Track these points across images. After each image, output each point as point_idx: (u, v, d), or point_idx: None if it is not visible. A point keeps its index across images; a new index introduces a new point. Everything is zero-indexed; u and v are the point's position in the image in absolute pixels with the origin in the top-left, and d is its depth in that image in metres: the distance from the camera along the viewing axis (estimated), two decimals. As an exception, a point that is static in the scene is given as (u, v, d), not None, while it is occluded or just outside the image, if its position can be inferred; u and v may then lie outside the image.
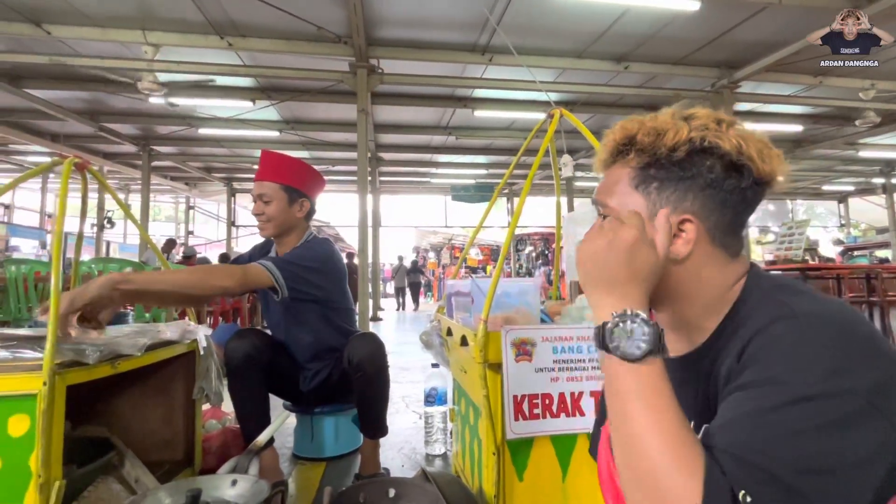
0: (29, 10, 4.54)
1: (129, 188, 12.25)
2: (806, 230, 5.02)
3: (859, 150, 9.72)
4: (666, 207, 0.56)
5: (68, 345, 1.06)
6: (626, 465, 0.46)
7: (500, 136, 8.43)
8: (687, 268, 0.56)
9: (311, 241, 1.68)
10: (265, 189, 1.61)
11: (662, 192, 0.56)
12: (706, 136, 0.55)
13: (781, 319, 0.48)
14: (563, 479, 1.23)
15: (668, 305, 0.60)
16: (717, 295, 0.56)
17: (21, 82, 5.91)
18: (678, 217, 0.56)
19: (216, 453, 1.67)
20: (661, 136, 0.56)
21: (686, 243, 0.56)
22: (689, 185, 0.56)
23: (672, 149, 0.55)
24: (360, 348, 1.59)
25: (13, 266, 3.52)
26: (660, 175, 0.57)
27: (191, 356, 1.55)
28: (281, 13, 4.51)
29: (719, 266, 0.57)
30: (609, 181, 0.62)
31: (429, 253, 17.03)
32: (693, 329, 0.59)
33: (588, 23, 4.94)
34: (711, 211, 0.56)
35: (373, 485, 1.17)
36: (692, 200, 0.56)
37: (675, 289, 0.57)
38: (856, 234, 13.56)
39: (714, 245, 0.56)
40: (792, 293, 0.52)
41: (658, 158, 0.57)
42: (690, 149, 0.55)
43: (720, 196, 0.55)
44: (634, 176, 0.58)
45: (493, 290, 1.21)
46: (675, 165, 0.56)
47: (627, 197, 0.59)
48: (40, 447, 0.96)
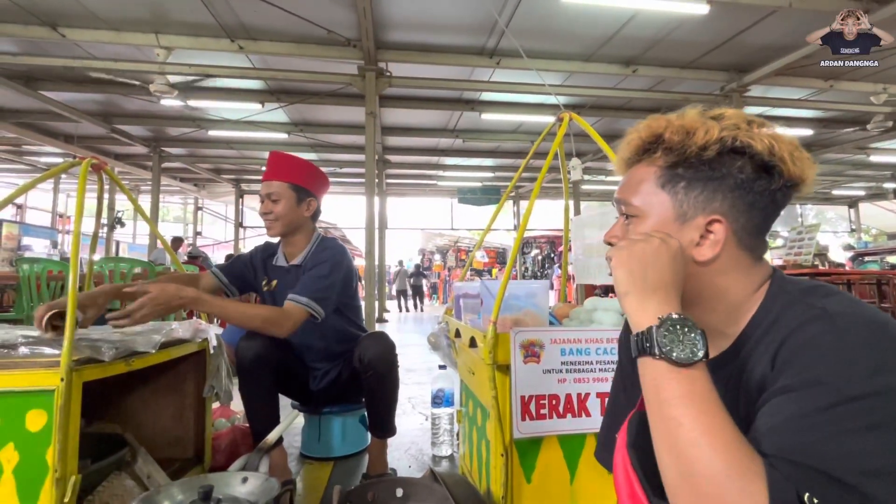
0: (45, 13, 4.62)
1: (139, 189, 12.38)
2: (816, 235, 4.97)
3: (870, 155, 9.61)
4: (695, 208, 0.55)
5: (85, 342, 1.08)
6: (681, 473, 0.44)
7: (506, 139, 8.44)
8: (712, 271, 0.55)
9: (323, 244, 1.68)
10: (274, 188, 1.62)
11: (690, 192, 0.55)
12: (738, 135, 0.53)
13: (815, 321, 0.47)
14: (571, 482, 1.23)
15: (689, 310, 0.57)
16: (740, 300, 0.55)
17: (36, 84, 6.02)
18: (706, 217, 0.54)
19: (225, 451, 1.69)
20: (691, 134, 0.55)
21: (714, 245, 0.54)
22: (718, 186, 0.54)
23: (702, 147, 0.54)
24: (371, 347, 1.60)
25: (26, 265, 3.57)
26: (688, 174, 0.55)
27: (201, 355, 1.57)
28: (291, 17, 4.56)
29: (744, 270, 0.55)
30: (633, 180, 0.60)
31: (435, 255, 17.04)
32: (717, 334, 0.57)
33: (597, 26, 4.94)
34: (741, 212, 0.54)
35: (381, 484, 1.18)
36: (721, 201, 0.54)
37: (700, 293, 0.56)
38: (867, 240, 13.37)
39: (740, 248, 0.55)
40: (822, 295, 0.50)
41: (687, 157, 0.55)
42: (721, 148, 0.54)
43: (750, 198, 0.54)
44: (661, 175, 0.57)
45: (502, 292, 1.21)
46: (705, 165, 0.55)
47: (653, 196, 0.57)
48: (57, 442, 0.98)
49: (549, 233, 14.06)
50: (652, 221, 0.57)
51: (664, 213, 0.57)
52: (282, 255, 1.71)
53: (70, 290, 1.09)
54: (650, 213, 0.58)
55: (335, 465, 1.79)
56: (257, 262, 1.75)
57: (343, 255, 1.64)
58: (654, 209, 0.57)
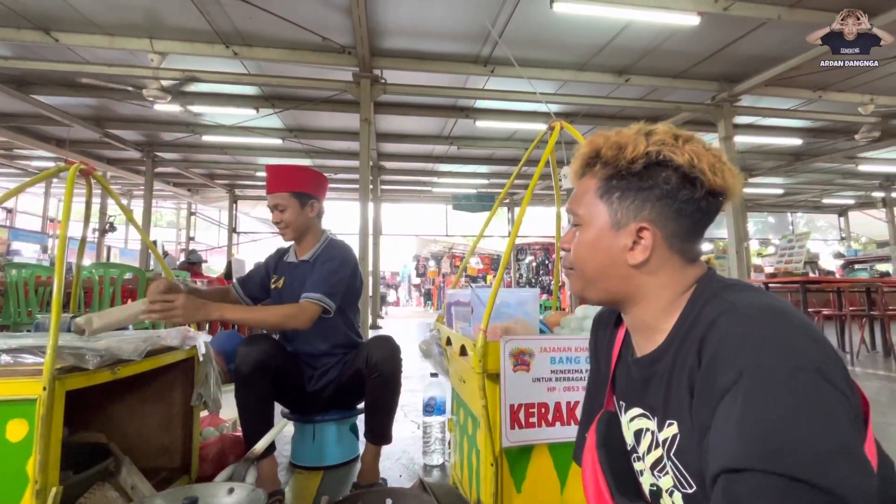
0: (38, 17, 4.60)
1: (132, 194, 12.30)
2: (807, 243, 5.03)
3: (859, 164, 9.75)
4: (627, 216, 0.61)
5: (69, 349, 1.07)
6: None
7: (501, 146, 8.48)
8: (644, 273, 0.61)
9: (331, 243, 1.80)
10: (279, 199, 1.71)
11: (623, 202, 0.61)
12: (662, 150, 0.59)
13: (724, 314, 0.51)
14: (561, 492, 1.22)
15: (630, 307, 0.64)
16: (671, 297, 0.60)
17: (28, 88, 5.98)
18: (637, 224, 0.60)
19: (213, 461, 1.66)
20: (623, 149, 0.60)
21: (644, 250, 0.60)
22: (647, 196, 0.60)
23: (631, 161, 0.60)
24: (379, 349, 1.62)
25: (14, 270, 3.52)
26: (621, 185, 0.61)
27: (189, 363, 1.55)
28: (286, 23, 4.57)
29: (675, 271, 0.61)
30: (579, 191, 0.66)
31: (429, 261, 17.03)
32: (653, 330, 0.62)
33: (589, 36, 5.00)
34: (669, 219, 0.59)
35: (370, 494, 1.17)
36: (650, 210, 0.60)
37: (635, 292, 0.62)
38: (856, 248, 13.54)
39: (671, 252, 0.60)
40: (737, 290, 0.55)
41: (619, 170, 0.61)
42: (647, 161, 0.59)
43: (676, 206, 0.59)
44: (600, 187, 0.63)
45: (492, 301, 1.21)
46: (634, 177, 0.60)
47: (593, 206, 0.63)
48: (38, 452, 0.96)
49: (543, 239, 14.10)
50: (593, 229, 0.63)
51: (602, 222, 0.63)
52: (293, 252, 1.83)
53: (55, 296, 1.08)
54: (592, 222, 0.64)
55: (325, 475, 1.77)
56: (271, 264, 1.87)
57: (350, 255, 1.76)
58: (594, 218, 0.63)
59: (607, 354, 0.73)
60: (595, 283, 0.64)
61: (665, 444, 0.57)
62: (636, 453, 0.65)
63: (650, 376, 0.61)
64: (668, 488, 0.58)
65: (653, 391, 0.60)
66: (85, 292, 3.41)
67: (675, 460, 0.56)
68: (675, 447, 0.56)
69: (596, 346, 0.78)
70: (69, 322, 1.42)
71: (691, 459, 0.53)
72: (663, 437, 0.58)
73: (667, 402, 0.57)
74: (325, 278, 1.62)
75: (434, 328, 1.77)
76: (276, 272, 1.83)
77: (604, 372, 0.74)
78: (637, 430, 0.64)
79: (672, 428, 0.56)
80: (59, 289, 1.09)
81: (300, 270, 1.75)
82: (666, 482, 0.58)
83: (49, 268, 4.03)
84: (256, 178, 11.20)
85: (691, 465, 0.54)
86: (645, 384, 0.62)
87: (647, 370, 0.61)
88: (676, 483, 0.56)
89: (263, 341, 1.61)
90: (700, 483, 0.52)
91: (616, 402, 0.71)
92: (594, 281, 0.64)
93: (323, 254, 1.74)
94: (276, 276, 1.82)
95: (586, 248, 0.64)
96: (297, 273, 1.75)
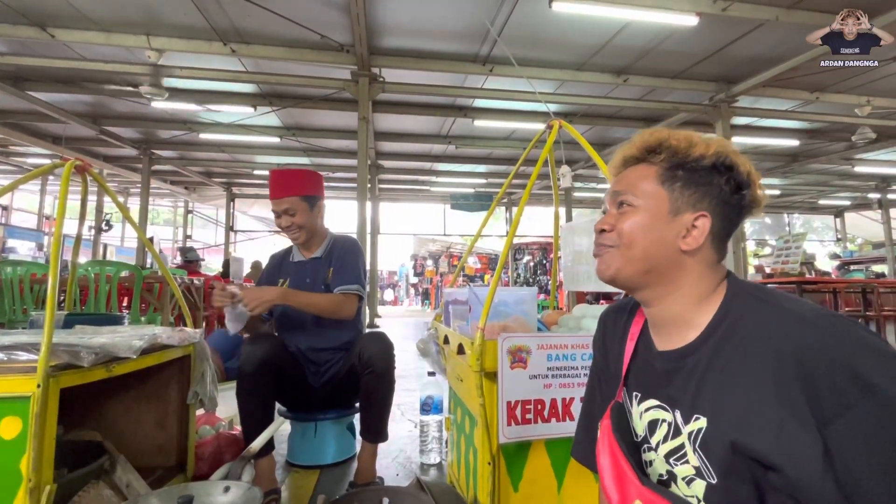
0: (34, 13, 4.57)
1: (129, 191, 12.24)
2: (803, 244, 5.05)
3: (855, 166, 9.80)
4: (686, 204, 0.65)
5: (64, 346, 1.06)
6: None
7: (499, 145, 8.48)
8: (692, 261, 0.64)
9: (338, 238, 1.87)
10: (288, 203, 1.73)
11: (685, 191, 0.64)
12: (729, 154, 0.64)
13: (799, 323, 0.54)
14: (558, 490, 1.22)
15: (662, 297, 0.66)
16: (707, 291, 0.64)
17: (24, 84, 5.94)
18: (695, 214, 0.64)
19: (209, 459, 1.65)
20: (693, 144, 0.65)
21: (699, 236, 0.63)
22: (707, 191, 0.64)
23: (701, 157, 0.64)
24: (371, 345, 1.62)
25: (9, 268, 3.50)
26: (686, 176, 0.65)
27: (185, 361, 1.54)
28: (285, 21, 4.56)
29: (710, 266, 0.65)
30: (633, 176, 0.69)
31: (427, 261, 17.02)
32: (685, 323, 0.65)
33: (588, 36, 5.00)
34: (718, 216, 0.64)
35: (366, 493, 1.16)
36: (707, 203, 0.64)
37: (675, 278, 0.65)
38: (852, 249, 13.61)
39: (712, 247, 0.65)
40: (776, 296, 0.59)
41: (687, 162, 0.65)
42: (716, 161, 0.64)
43: (727, 207, 0.64)
44: (662, 173, 0.66)
45: (490, 299, 1.21)
46: (700, 171, 0.65)
47: (653, 190, 0.66)
48: (32, 450, 0.95)
49: (541, 239, 14.11)
50: (648, 213, 0.66)
51: (660, 206, 0.65)
52: (297, 252, 1.86)
53: (49, 292, 1.07)
54: (647, 205, 0.66)
55: (321, 474, 1.76)
56: (276, 266, 1.90)
57: (359, 247, 1.86)
58: (651, 202, 0.66)
59: (619, 349, 0.75)
60: (638, 262, 0.66)
61: (690, 436, 0.59)
62: (648, 443, 0.66)
63: (677, 369, 0.63)
64: (687, 476, 0.60)
65: (677, 384, 0.62)
66: (81, 290, 3.39)
67: (701, 452, 0.58)
68: (700, 440, 0.58)
69: (605, 341, 0.80)
70: (63, 319, 1.42)
71: (718, 453, 0.56)
72: (689, 429, 0.60)
73: (697, 397, 0.59)
74: (352, 269, 1.75)
75: (432, 327, 1.77)
76: (282, 275, 1.85)
77: (613, 366, 0.76)
78: (651, 421, 0.66)
79: (699, 422, 0.58)
80: (53, 285, 1.08)
81: (310, 268, 1.80)
82: (684, 470, 0.60)
83: (44, 265, 4.01)
84: (254, 177, 11.17)
85: (715, 459, 0.56)
86: (669, 376, 0.64)
87: (676, 363, 0.64)
88: (700, 472, 0.58)
89: (268, 340, 1.61)
90: (723, 475, 0.55)
91: (626, 394, 0.72)
92: (639, 260, 0.66)
93: (337, 248, 1.82)
94: (281, 280, 1.83)
95: (639, 228, 0.66)
96: (307, 271, 1.79)
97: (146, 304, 3.86)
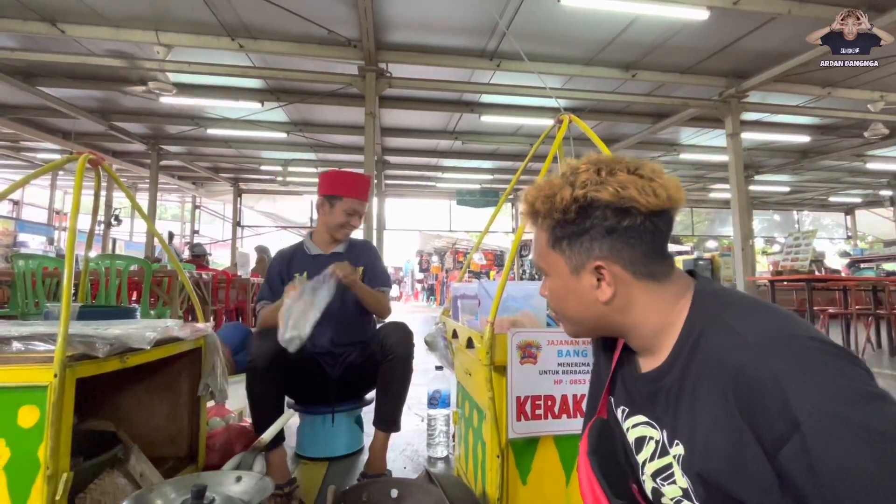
0: (44, 9, 4.60)
1: (137, 186, 12.33)
2: (813, 241, 4.99)
3: (867, 162, 9.66)
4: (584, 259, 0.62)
5: (79, 337, 1.07)
6: None
7: (506, 141, 8.45)
8: (620, 306, 0.61)
9: (357, 240, 1.97)
10: (364, 207, 1.87)
11: (573, 247, 0.62)
12: (587, 192, 0.59)
13: (739, 348, 0.50)
14: (566, 484, 1.23)
15: (625, 333, 0.65)
16: (660, 318, 0.60)
17: (34, 80, 5.99)
18: (592, 264, 0.60)
19: (219, 451, 1.67)
20: (553, 200, 0.61)
21: (609, 285, 0.60)
22: (592, 236, 0.60)
23: (564, 210, 0.60)
24: (393, 333, 1.67)
25: (21, 261, 3.54)
26: (565, 233, 0.62)
27: (197, 353, 1.56)
28: (292, 16, 4.56)
29: (653, 294, 0.61)
30: (536, 245, 0.68)
31: (433, 257, 17.03)
32: (653, 349, 0.63)
33: (597, 31, 4.95)
34: (621, 250, 0.59)
35: (376, 484, 1.17)
36: (599, 247, 0.60)
37: (621, 323, 0.63)
38: (862, 247, 13.44)
39: (637, 278, 0.60)
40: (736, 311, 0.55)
41: (557, 220, 0.62)
42: (578, 206, 0.60)
43: (623, 236, 0.59)
44: (548, 238, 0.64)
45: (500, 293, 1.21)
46: (572, 223, 0.61)
47: (549, 257, 0.65)
48: (49, 438, 0.97)
49: (547, 236, 14.03)
50: (559, 278, 0.65)
51: (562, 270, 0.64)
52: (312, 246, 1.90)
53: (65, 284, 1.09)
54: (555, 272, 0.65)
55: (330, 465, 1.78)
56: (284, 269, 1.88)
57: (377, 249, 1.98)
58: (554, 268, 0.65)
59: (608, 357, 0.74)
60: (581, 324, 0.67)
61: (676, 458, 0.58)
62: (636, 459, 0.65)
63: (656, 391, 0.61)
64: (675, 497, 0.58)
65: (661, 405, 0.61)
66: (91, 284, 3.43)
67: (687, 477, 0.57)
68: (682, 463, 0.57)
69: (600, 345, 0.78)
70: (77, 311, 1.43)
71: (695, 481, 0.55)
72: (673, 452, 0.58)
73: (676, 418, 0.58)
74: (383, 271, 1.92)
75: (440, 321, 1.77)
76: (295, 269, 1.82)
77: (602, 376, 0.75)
78: (639, 438, 0.65)
79: (679, 448, 0.57)
80: (69, 277, 1.10)
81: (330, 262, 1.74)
82: (672, 491, 0.59)
83: (56, 259, 4.06)
84: (261, 172, 11.21)
85: (697, 486, 0.55)
86: (651, 397, 0.63)
87: (653, 385, 0.62)
88: (688, 495, 0.57)
89: (276, 335, 1.61)
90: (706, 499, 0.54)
91: (614, 408, 0.71)
92: (580, 323, 0.66)
93: (361, 249, 1.92)
94: (297, 274, 1.79)
95: (559, 295, 0.66)
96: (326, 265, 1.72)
97: (155, 298, 3.91)
